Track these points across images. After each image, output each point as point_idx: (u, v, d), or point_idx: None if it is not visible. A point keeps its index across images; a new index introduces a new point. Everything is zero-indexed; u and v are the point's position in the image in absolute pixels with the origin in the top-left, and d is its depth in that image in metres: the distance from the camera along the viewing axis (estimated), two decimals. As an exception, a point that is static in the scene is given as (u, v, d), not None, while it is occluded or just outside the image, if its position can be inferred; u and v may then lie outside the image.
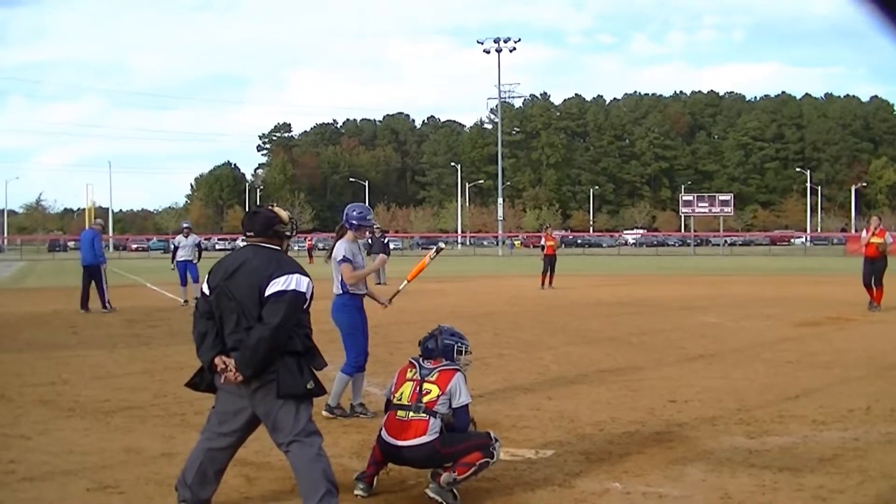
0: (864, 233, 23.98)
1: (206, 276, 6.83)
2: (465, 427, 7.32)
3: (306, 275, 6.62)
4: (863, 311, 22.44)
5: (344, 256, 10.45)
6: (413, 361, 7.52)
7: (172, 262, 27.52)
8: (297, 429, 6.47)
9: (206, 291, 6.72)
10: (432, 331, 7.81)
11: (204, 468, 6.74)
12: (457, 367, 7.51)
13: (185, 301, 26.03)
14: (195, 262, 26.85)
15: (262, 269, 6.51)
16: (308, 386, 6.49)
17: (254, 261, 6.62)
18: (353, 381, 10.58)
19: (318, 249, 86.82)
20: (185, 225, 29.03)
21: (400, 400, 7.22)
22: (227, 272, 6.63)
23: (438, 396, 7.15)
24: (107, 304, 25.16)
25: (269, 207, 6.98)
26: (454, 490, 6.94)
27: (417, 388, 7.22)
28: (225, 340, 6.54)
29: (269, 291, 6.42)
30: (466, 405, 7.32)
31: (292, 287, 6.46)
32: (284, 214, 6.91)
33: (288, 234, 6.91)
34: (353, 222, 10.74)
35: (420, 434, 7.03)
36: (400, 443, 7.04)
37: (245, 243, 6.90)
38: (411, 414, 7.11)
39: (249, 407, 6.58)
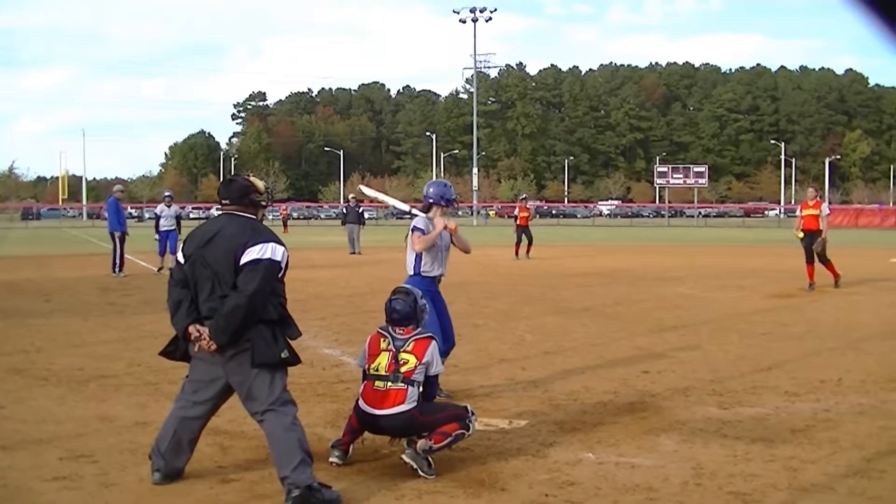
0: (798, 209, 23.28)
1: (181, 245, 6.83)
2: (433, 395, 7.36)
3: (281, 243, 6.63)
4: (836, 282, 22.31)
5: (415, 226, 9.80)
6: (382, 332, 7.49)
7: (157, 231, 27.36)
8: (271, 398, 6.48)
9: (182, 260, 6.72)
10: (393, 297, 7.70)
11: (178, 437, 6.75)
12: (430, 334, 7.51)
13: (160, 269, 25.97)
14: (178, 232, 26.77)
15: (238, 237, 6.51)
16: (282, 355, 6.49)
17: (229, 229, 6.61)
18: None
19: (293, 219, 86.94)
20: (166, 194, 29.07)
21: (377, 370, 7.20)
22: (203, 240, 6.63)
23: (416, 366, 7.18)
24: (115, 270, 25.81)
25: (245, 176, 6.98)
26: (429, 458, 6.96)
27: (394, 359, 7.22)
28: (200, 308, 6.54)
29: (244, 260, 6.42)
30: (437, 376, 7.41)
31: (267, 255, 6.46)
32: (260, 183, 6.92)
33: (263, 203, 6.92)
34: (436, 199, 9.97)
35: (399, 403, 7.06)
36: (378, 412, 7.05)
37: (220, 212, 6.90)
38: (389, 384, 7.12)
39: (223, 376, 6.59)
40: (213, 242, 6.59)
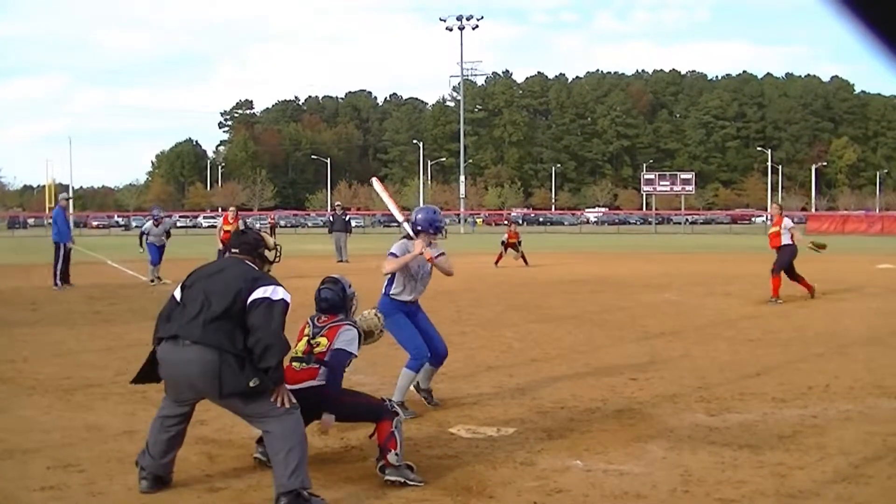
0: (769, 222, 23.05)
1: (182, 282, 6.92)
2: (336, 367, 7.41)
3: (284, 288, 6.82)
4: (821, 289, 22.28)
5: (391, 252, 9.76)
6: (309, 320, 7.85)
7: (141, 246, 26.86)
8: (266, 407, 6.53)
9: (178, 295, 6.83)
10: (322, 286, 8.03)
11: (162, 438, 6.79)
12: (346, 321, 7.78)
13: (152, 280, 25.80)
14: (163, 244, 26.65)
15: (244, 274, 6.76)
16: (251, 384, 6.45)
17: (235, 269, 6.86)
18: (421, 371, 9.75)
19: (280, 227, 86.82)
20: (157, 215, 27.98)
21: (296, 353, 7.52)
22: (206, 274, 6.90)
23: (328, 348, 7.51)
24: (57, 283, 25.06)
25: (258, 233, 7.26)
26: (410, 465, 7.01)
27: (308, 343, 7.59)
28: (178, 328, 6.58)
29: (255, 296, 6.56)
30: (342, 349, 7.49)
31: (279, 296, 6.65)
32: (271, 241, 7.29)
33: (271, 259, 7.24)
34: (423, 226, 9.79)
35: (310, 378, 7.35)
36: (294, 387, 7.13)
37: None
38: (303, 364, 7.45)
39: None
40: (216, 276, 6.82)
